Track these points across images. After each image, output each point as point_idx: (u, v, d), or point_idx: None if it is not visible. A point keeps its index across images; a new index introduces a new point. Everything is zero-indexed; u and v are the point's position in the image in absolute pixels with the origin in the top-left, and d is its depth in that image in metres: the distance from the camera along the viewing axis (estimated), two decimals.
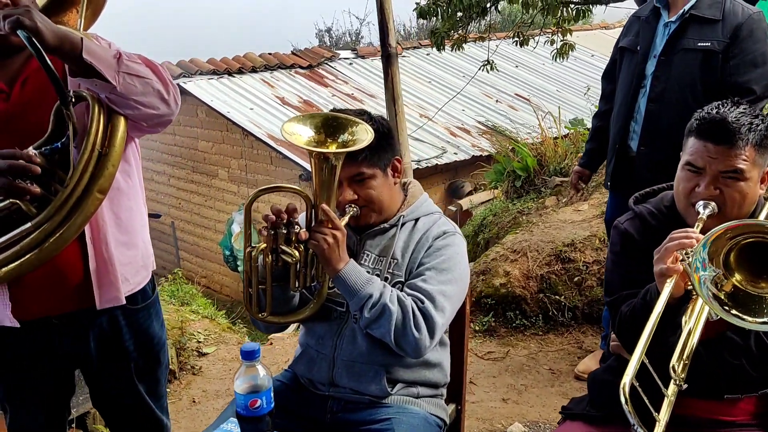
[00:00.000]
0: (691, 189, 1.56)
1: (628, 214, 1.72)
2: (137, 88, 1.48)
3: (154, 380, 1.86)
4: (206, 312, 4.33)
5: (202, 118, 9.09)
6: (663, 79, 2.62)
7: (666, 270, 1.41)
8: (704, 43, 2.55)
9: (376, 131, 1.71)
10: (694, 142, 1.55)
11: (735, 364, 1.49)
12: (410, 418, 1.73)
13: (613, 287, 1.67)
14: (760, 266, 1.36)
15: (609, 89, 2.96)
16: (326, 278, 1.73)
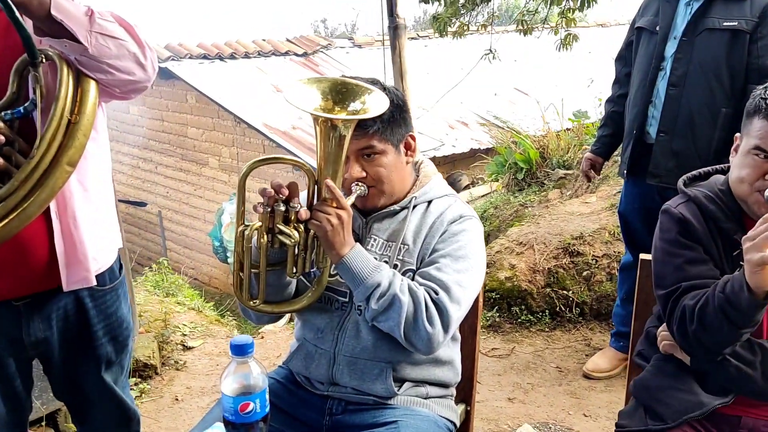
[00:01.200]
0: (759, 176, 1.39)
1: (680, 197, 1.55)
2: (111, 50, 1.34)
3: (120, 368, 1.71)
4: (193, 303, 4.12)
5: (191, 104, 8.84)
6: (684, 61, 2.47)
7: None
8: (731, 23, 2.39)
9: (390, 101, 1.51)
10: (764, 124, 1.38)
11: None
12: (418, 421, 1.55)
13: (667, 279, 1.48)
14: None
15: (624, 73, 2.81)
16: (328, 264, 1.54)
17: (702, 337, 1.38)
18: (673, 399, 1.48)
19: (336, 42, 10.65)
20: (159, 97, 9.25)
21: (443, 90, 7.41)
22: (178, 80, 8.45)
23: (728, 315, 1.31)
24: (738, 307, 1.29)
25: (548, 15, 5.91)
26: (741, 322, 1.29)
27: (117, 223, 1.67)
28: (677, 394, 1.48)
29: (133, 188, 10.18)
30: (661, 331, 1.55)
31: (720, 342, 1.36)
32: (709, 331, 1.35)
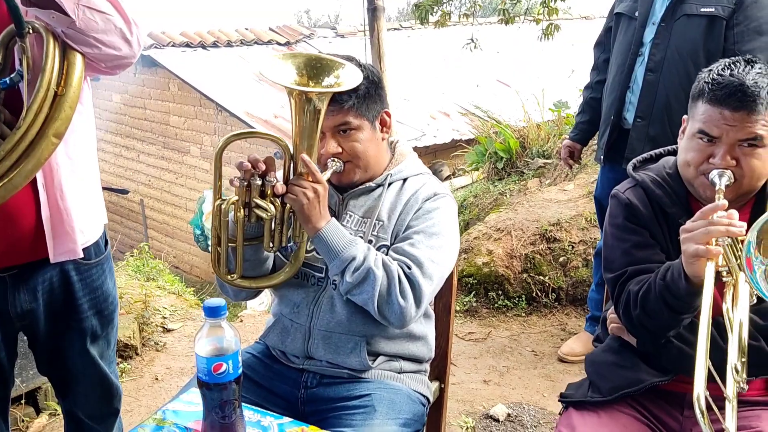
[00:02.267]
0: (703, 159, 1.41)
1: (628, 182, 1.58)
2: (98, 24, 1.34)
3: (106, 342, 1.72)
4: (173, 288, 4.11)
5: (174, 92, 8.78)
6: (662, 47, 2.49)
7: (705, 252, 1.26)
8: (708, 8, 2.42)
9: (365, 78, 1.54)
10: (707, 108, 1.40)
11: (753, 346, 1.37)
12: (392, 395, 1.58)
13: (615, 263, 1.52)
14: None
15: (602, 59, 2.83)
16: (304, 238, 1.56)
17: (645, 321, 1.42)
18: (615, 375, 1.52)
19: (318, 32, 10.62)
20: (141, 85, 9.18)
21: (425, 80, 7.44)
22: (161, 68, 8.39)
23: (668, 302, 1.35)
24: (677, 294, 1.33)
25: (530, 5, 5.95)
26: (680, 309, 1.32)
27: (102, 198, 1.67)
28: (619, 371, 1.52)
29: (116, 176, 10.10)
30: (610, 314, 1.59)
31: (662, 326, 1.39)
32: (651, 316, 1.39)
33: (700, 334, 1.21)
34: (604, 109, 2.74)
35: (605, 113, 2.73)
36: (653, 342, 1.45)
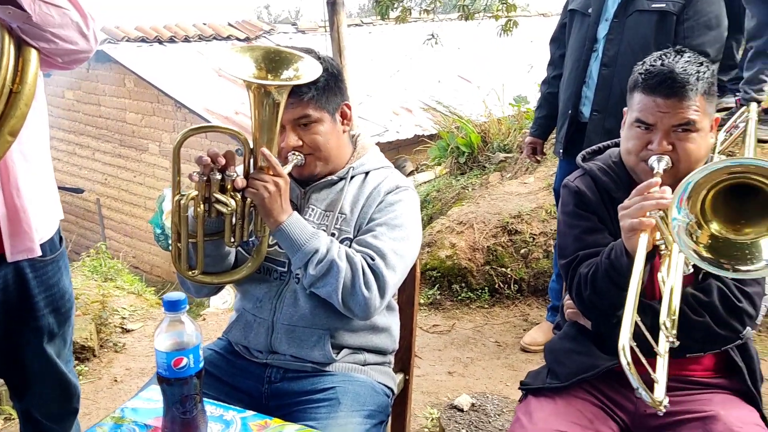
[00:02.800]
0: (642, 146, 1.49)
1: (578, 172, 1.65)
2: (54, 18, 1.33)
3: (62, 341, 1.69)
4: (133, 288, 4.04)
5: (130, 88, 8.59)
6: (616, 42, 2.55)
7: (638, 224, 1.33)
8: (659, 4, 2.49)
9: (325, 70, 1.54)
10: (643, 97, 1.47)
11: (698, 321, 1.43)
12: (356, 387, 1.58)
13: (568, 249, 1.58)
14: (737, 211, 1.28)
15: (558, 54, 2.89)
16: (266, 233, 1.55)
17: (595, 301, 1.47)
18: (571, 360, 1.57)
19: (279, 27, 10.53)
20: (95, 80, 8.95)
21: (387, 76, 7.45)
22: (115, 63, 8.20)
23: (613, 279, 1.40)
24: (620, 270, 1.38)
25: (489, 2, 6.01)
26: (625, 285, 1.36)
27: (57, 195, 1.65)
28: (575, 357, 1.57)
29: (69, 175, 9.84)
30: (566, 299, 1.64)
31: (611, 304, 1.43)
32: (600, 295, 1.44)
33: (630, 293, 1.26)
34: (561, 103, 2.80)
35: (562, 108, 2.79)
36: (605, 322, 1.49)
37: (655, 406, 1.21)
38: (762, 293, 1.45)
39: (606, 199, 1.56)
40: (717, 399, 1.50)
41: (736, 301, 1.42)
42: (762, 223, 1.24)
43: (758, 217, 1.24)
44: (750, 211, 1.26)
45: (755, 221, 1.25)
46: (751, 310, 1.43)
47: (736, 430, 1.39)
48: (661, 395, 1.22)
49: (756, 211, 1.25)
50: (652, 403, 1.21)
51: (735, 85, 3.49)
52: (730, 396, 1.52)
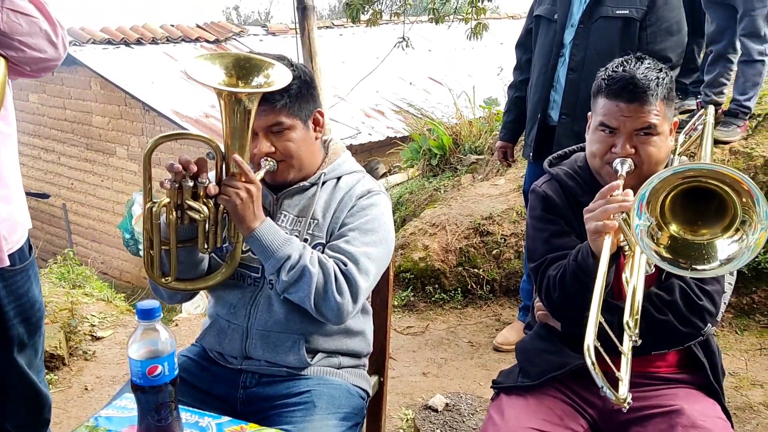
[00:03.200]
0: (606, 150, 1.53)
1: (545, 177, 1.69)
2: (22, 27, 1.33)
3: (33, 351, 1.68)
4: (102, 294, 3.98)
5: (96, 91, 8.45)
6: (582, 47, 2.61)
7: (602, 227, 1.38)
8: (623, 11, 2.55)
9: (297, 78, 1.54)
10: (606, 102, 1.52)
11: (661, 320, 1.47)
12: (331, 390, 1.60)
13: (537, 252, 1.62)
14: (694, 213, 1.33)
15: (524, 59, 2.93)
16: (239, 239, 1.56)
17: (564, 303, 1.51)
18: (542, 359, 1.61)
19: (249, 29, 10.45)
20: (60, 84, 8.79)
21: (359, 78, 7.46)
22: (81, 66, 8.06)
23: (581, 280, 1.44)
24: (587, 272, 1.42)
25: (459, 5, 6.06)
26: (592, 285, 1.39)
27: (25, 203, 1.63)
28: (546, 356, 1.61)
29: (35, 180, 9.64)
30: (536, 301, 1.68)
31: (579, 305, 1.45)
32: (569, 297, 1.48)
33: (594, 294, 1.31)
34: (530, 107, 2.84)
35: (531, 112, 2.83)
36: (574, 323, 1.53)
37: (619, 403, 1.25)
38: (721, 291, 1.50)
39: (572, 203, 1.60)
40: (681, 394, 1.54)
41: (697, 300, 1.47)
42: (716, 225, 1.29)
43: (713, 219, 1.30)
44: (706, 213, 1.31)
45: (711, 223, 1.30)
46: (711, 308, 1.48)
47: (700, 424, 1.44)
48: (625, 392, 1.26)
49: (711, 213, 1.30)
50: (616, 400, 1.25)
51: (696, 88, 3.60)
52: (693, 390, 1.57)
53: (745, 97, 3.30)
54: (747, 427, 2.53)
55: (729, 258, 1.26)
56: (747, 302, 3.24)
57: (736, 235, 1.26)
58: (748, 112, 3.34)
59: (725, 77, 3.37)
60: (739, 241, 1.25)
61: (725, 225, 1.28)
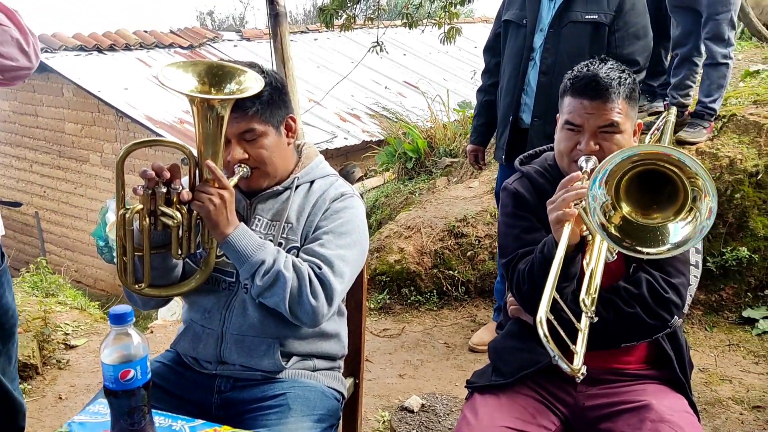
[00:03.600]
0: (572, 147, 1.58)
1: (516, 175, 1.73)
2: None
3: (7, 358, 1.67)
4: (76, 303, 3.94)
5: (68, 98, 8.35)
6: (553, 51, 2.66)
7: (562, 215, 1.42)
8: (592, 16, 2.61)
9: (268, 84, 1.56)
10: (571, 100, 1.58)
11: (630, 312, 1.52)
12: (306, 392, 1.61)
13: (508, 248, 1.65)
14: (649, 197, 1.39)
15: (493, 63, 2.96)
16: (213, 244, 1.56)
17: (534, 295, 1.52)
18: (514, 357, 1.64)
19: (223, 35, 10.42)
20: (32, 91, 8.68)
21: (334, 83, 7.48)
22: (53, 73, 7.96)
23: (548, 271, 1.45)
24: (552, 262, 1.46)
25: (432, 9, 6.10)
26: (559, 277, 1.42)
27: None
28: (518, 354, 1.64)
29: (6, 188, 9.49)
30: (509, 297, 1.71)
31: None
32: (537, 288, 1.48)
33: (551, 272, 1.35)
34: (501, 111, 2.88)
35: (502, 115, 2.87)
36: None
37: (573, 373, 1.29)
38: (687, 284, 1.55)
39: (543, 200, 1.63)
40: (650, 389, 1.58)
41: (663, 292, 1.51)
42: (669, 209, 1.34)
43: (667, 203, 1.35)
44: (661, 198, 1.37)
45: (664, 207, 1.36)
46: (677, 300, 1.53)
47: (667, 418, 1.48)
48: (579, 364, 1.30)
49: (666, 198, 1.36)
50: (570, 371, 1.28)
51: (664, 91, 3.68)
52: (661, 386, 1.61)
53: (710, 99, 3.38)
54: (717, 421, 2.58)
55: (684, 239, 1.31)
56: (716, 299, 3.31)
57: (690, 215, 1.31)
58: (714, 113, 3.43)
59: (691, 80, 3.46)
60: (692, 222, 1.30)
61: (677, 208, 1.33)
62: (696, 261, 1.59)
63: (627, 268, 1.58)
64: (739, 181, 3.27)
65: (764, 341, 3.09)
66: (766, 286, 3.25)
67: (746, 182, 3.27)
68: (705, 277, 3.28)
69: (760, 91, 3.78)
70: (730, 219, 3.27)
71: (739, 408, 2.65)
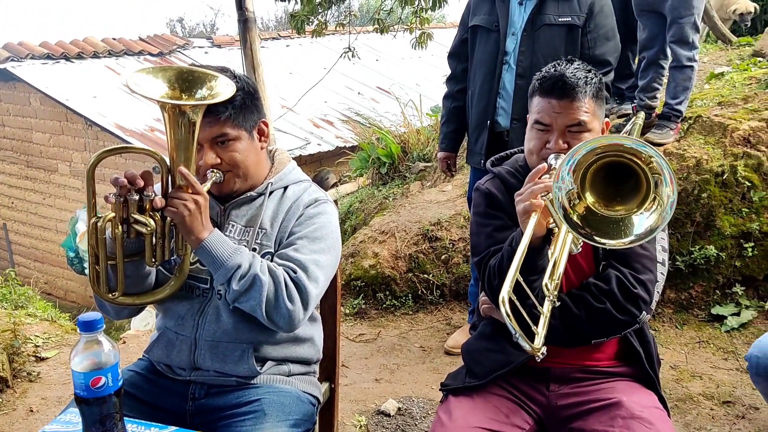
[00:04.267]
0: (542, 146, 1.62)
1: (488, 176, 1.76)
2: None
3: None
4: (46, 314, 3.87)
5: (36, 107, 8.21)
6: (528, 54, 2.70)
7: (529, 206, 1.45)
8: (565, 18, 2.67)
9: (240, 89, 1.57)
10: (539, 100, 1.62)
11: (600, 308, 1.55)
12: (281, 397, 1.61)
13: (480, 247, 1.67)
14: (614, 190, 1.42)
15: (460, 69, 2.97)
16: (188, 251, 1.55)
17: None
18: (486, 359, 1.66)
19: (194, 41, 10.34)
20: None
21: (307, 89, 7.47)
22: (20, 82, 7.83)
23: None
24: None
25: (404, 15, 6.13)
26: (527, 269, 1.45)
27: None
28: (490, 355, 1.66)
29: None
30: (482, 296, 1.73)
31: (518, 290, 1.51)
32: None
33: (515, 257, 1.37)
34: (475, 115, 2.88)
35: (477, 120, 2.87)
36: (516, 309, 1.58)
37: (533, 352, 1.32)
38: (655, 280, 1.59)
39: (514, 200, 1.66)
40: (620, 386, 1.61)
41: (632, 288, 1.55)
42: (632, 201, 1.38)
43: (630, 196, 1.39)
44: (626, 190, 1.40)
45: (628, 199, 1.39)
46: (645, 296, 1.56)
47: (638, 414, 1.51)
48: (539, 344, 1.33)
49: (629, 190, 1.39)
50: (531, 350, 1.31)
51: (632, 93, 3.75)
52: (631, 383, 1.64)
53: (676, 101, 3.46)
54: (688, 417, 2.63)
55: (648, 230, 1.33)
56: (685, 297, 3.37)
57: (654, 204, 1.34)
58: (680, 115, 3.51)
59: (657, 82, 3.54)
60: (656, 210, 1.33)
61: (640, 199, 1.36)
62: (663, 259, 1.63)
63: (597, 265, 1.61)
64: (706, 180, 3.34)
65: (733, 338, 3.16)
66: (733, 284, 3.32)
67: (712, 182, 3.34)
68: (675, 276, 3.35)
69: (725, 93, 3.88)
70: (697, 218, 3.34)
71: (710, 403, 2.70)
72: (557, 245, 1.45)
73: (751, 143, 3.42)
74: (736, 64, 4.56)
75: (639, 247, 1.56)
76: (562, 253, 1.43)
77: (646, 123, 3.54)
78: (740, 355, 3.00)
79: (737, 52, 5.00)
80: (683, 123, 3.58)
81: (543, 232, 1.47)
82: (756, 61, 4.44)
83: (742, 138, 3.43)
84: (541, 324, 1.38)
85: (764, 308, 3.22)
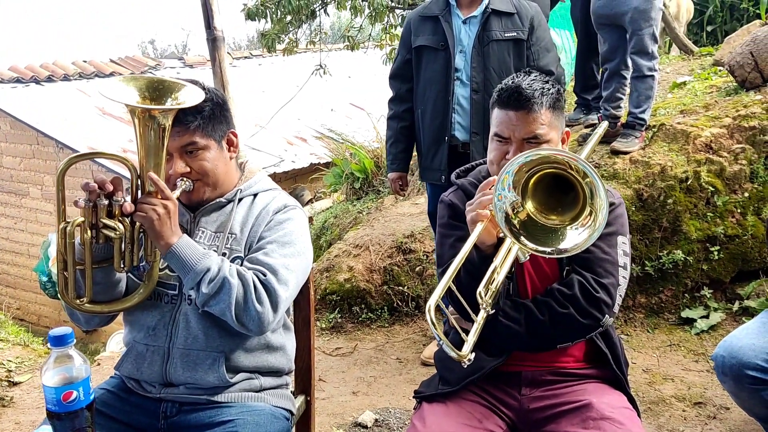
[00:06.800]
0: (501, 157, 1.66)
1: (452, 188, 1.80)
2: None
3: None
4: (18, 339, 3.80)
5: (6, 131, 8.11)
6: (480, 69, 2.78)
7: (476, 216, 1.49)
8: (510, 33, 2.79)
9: (209, 100, 1.59)
10: (498, 112, 1.66)
11: (563, 313, 1.58)
12: (255, 417, 1.59)
13: (444, 257, 1.70)
14: (555, 200, 1.47)
15: (404, 89, 2.98)
16: (156, 257, 1.56)
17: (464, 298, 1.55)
18: (458, 365, 1.65)
19: (165, 62, 10.33)
20: None
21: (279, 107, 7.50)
22: None
23: (470, 271, 1.54)
24: (474, 263, 1.53)
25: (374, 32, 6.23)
26: (480, 276, 1.48)
27: None
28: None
29: None
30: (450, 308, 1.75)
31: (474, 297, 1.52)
32: (464, 290, 1.53)
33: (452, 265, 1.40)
34: (430, 133, 2.90)
35: (433, 136, 2.89)
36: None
37: (459, 359, 1.35)
38: (617, 284, 1.62)
39: None
40: (590, 388, 1.64)
41: (594, 292, 1.58)
42: (567, 213, 1.43)
43: (568, 208, 1.43)
44: (566, 202, 1.45)
45: (565, 211, 1.44)
46: (608, 300, 1.59)
47: (608, 415, 1.53)
48: (467, 351, 1.37)
49: (569, 203, 1.44)
50: (456, 357, 1.35)
51: (598, 103, 3.84)
52: (600, 384, 1.66)
53: (639, 110, 3.55)
54: (661, 419, 2.67)
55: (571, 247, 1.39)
56: (656, 302, 3.43)
57: (590, 219, 1.39)
58: (644, 123, 3.60)
59: (620, 92, 3.63)
60: (590, 227, 1.38)
61: (576, 213, 1.41)
62: (624, 263, 1.66)
63: (561, 271, 1.65)
64: (671, 187, 3.42)
65: (703, 340, 3.21)
66: (701, 287, 3.39)
67: (677, 188, 3.43)
68: (644, 281, 3.41)
69: (687, 102, 3.99)
70: (664, 224, 3.42)
71: (682, 405, 2.74)
72: (500, 253, 1.49)
73: (713, 149, 3.52)
74: (697, 73, 4.69)
75: (601, 252, 1.61)
76: (504, 263, 1.48)
77: (612, 132, 3.63)
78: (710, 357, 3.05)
79: (699, 62, 5.15)
80: (648, 131, 3.67)
81: (492, 240, 1.52)
82: (716, 70, 4.58)
83: (705, 144, 3.53)
84: (472, 332, 1.41)
85: (732, 310, 3.29)
